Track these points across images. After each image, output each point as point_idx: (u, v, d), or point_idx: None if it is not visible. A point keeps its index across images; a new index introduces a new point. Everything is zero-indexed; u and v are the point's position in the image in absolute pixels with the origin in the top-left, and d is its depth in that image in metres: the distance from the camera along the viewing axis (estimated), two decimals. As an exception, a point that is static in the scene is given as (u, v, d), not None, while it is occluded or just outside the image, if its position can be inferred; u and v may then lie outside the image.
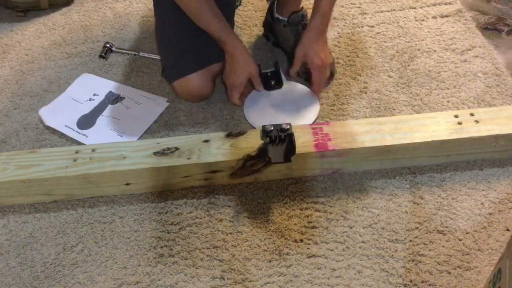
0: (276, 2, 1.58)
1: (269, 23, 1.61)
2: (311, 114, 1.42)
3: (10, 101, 1.52)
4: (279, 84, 1.47)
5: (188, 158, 1.23)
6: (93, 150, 1.26)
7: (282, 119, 1.38)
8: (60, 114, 1.45)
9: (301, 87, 1.49)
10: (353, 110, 1.45)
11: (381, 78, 1.53)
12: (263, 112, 1.43)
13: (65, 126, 1.42)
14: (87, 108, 1.47)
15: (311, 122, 1.39)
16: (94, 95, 1.51)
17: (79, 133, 1.41)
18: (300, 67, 1.44)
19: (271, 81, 1.48)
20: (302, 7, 1.55)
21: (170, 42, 1.46)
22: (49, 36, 1.71)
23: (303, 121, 1.38)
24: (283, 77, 1.48)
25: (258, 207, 1.25)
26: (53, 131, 1.42)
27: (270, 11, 1.60)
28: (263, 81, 1.45)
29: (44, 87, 1.55)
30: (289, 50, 1.53)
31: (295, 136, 1.22)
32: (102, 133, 1.41)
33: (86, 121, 1.44)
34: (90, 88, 1.53)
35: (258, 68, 1.42)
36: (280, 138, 1.22)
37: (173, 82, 1.46)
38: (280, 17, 1.56)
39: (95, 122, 1.44)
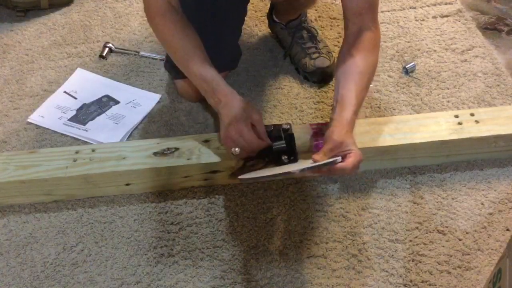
0: (274, 8, 1.59)
1: (270, 22, 1.64)
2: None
3: (10, 101, 1.52)
4: (292, 160, 1.17)
5: (188, 159, 1.23)
6: (93, 150, 1.26)
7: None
8: (53, 113, 1.46)
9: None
10: (353, 110, 1.44)
11: (381, 78, 1.53)
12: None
13: (63, 124, 1.43)
14: (80, 103, 1.48)
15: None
16: (89, 90, 1.51)
17: (73, 127, 1.41)
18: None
19: (283, 156, 1.17)
20: (300, 14, 1.55)
21: None
22: (49, 36, 1.71)
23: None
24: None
25: (258, 207, 1.24)
26: (53, 131, 1.42)
27: (269, 13, 1.62)
28: (272, 155, 1.18)
29: (44, 87, 1.55)
30: (287, 49, 1.57)
31: (295, 136, 1.22)
32: (100, 125, 1.41)
33: (82, 116, 1.45)
34: (85, 83, 1.54)
35: (260, 116, 1.19)
36: (281, 138, 1.22)
37: (175, 80, 1.47)
38: (278, 21, 1.59)
39: (91, 116, 1.44)
